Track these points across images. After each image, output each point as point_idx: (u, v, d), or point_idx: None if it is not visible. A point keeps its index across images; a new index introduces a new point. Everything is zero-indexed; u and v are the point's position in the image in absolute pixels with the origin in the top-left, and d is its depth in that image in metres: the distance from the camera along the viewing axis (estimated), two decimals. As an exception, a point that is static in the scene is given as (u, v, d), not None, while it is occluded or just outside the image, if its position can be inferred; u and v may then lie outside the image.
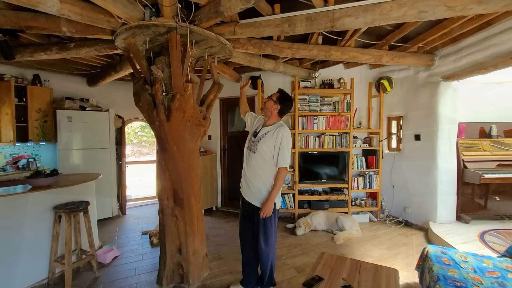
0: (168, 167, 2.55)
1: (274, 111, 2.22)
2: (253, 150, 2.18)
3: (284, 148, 2.11)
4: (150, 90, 2.43)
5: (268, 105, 2.20)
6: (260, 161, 2.15)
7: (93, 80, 4.73)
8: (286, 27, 2.28)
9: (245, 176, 2.25)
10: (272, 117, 2.22)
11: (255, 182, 2.16)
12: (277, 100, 2.19)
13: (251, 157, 2.19)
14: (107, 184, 4.60)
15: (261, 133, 2.20)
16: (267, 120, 2.25)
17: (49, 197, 2.66)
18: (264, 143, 2.15)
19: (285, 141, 2.11)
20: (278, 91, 2.25)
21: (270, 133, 2.17)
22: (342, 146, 4.25)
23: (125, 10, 1.93)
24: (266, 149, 2.15)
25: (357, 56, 3.23)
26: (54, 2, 1.85)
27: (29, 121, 4.04)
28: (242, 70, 4.66)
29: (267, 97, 2.23)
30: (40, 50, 3.02)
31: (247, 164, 2.23)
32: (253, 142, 2.21)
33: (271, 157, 2.15)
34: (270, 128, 2.19)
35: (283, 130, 2.13)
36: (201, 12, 2.16)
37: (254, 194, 2.19)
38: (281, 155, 2.10)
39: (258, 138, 2.18)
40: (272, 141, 2.13)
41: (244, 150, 2.31)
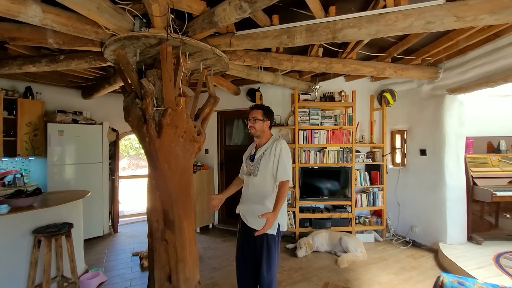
0: (158, 186, 2.37)
1: (266, 129, 2.09)
2: (254, 173, 2.02)
3: (284, 160, 1.96)
4: (140, 104, 2.28)
5: (258, 126, 2.04)
6: (262, 184, 1.99)
7: (88, 92, 4.61)
8: (285, 38, 2.16)
9: (246, 201, 2.06)
10: (265, 135, 2.09)
11: (260, 206, 1.98)
12: (264, 117, 2.06)
13: (252, 181, 2.03)
14: (98, 201, 4.40)
15: (258, 155, 2.05)
16: (260, 140, 2.10)
17: (29, 219, 2.46)
18: (265, 163, 2.00)
19: (284, 153, 1.97)
20: (258, 107, 2.09)
21: (268, 151, 2.03)
22: (344, 161, 4.07)
23: (113, 21, 1.81)
24: (267, 168, 1.99)
25: (359, 68, 3.11)
26: (36, 12, 1.72)
27: (18, 135, 3.89)
28: (240, 83, 4.55)
29: (251, 119, 2.04)
30: (29, 62, 2.89)
31: (248, 188, 2.06)
32: (252, 166, 2.05)
33: (272, 176, 1.99)
34: (266, 146, 2.05)
35: (280, 143, 2.01)
36: (194, 22, 2.03)
37: (255, 217, 1.99)
38: (281, 168, 1.94)
39: (257, 161, 2.02)
40: (271, 157, 1.98)
41: (244, 176, 2.15)
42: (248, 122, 2.08)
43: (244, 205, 2.07)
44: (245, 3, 1.59)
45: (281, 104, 4.52)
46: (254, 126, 2.04)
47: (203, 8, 1.98)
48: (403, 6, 1.89)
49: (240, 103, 4.76)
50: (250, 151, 2.21)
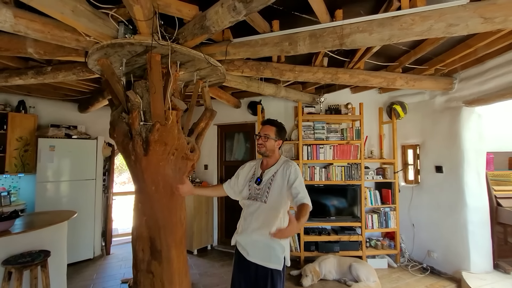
0: (144, 210, 2.10)
1: (276, 148, 1.83)
2: (262, 199, 1.73)
3: (302, 182, 1.70)
4: (126, 118, 2.06)
5: (269, 145, 1.79)
6: (272, 212, 1.71)
7: (84, 106, 4.45)
8: (286, 46, 1.94)
9: (248, 230, 1.75)
10: (274, 156, 1.83)
11: (264, 237, 1.68)
12: (277, 135, 1.81)
13: (259, 208, 1.73)
14: (89, 220, 4.13)
15: (267, 177, 1.76)
16: (269, 160, 1.83)
17: (2, 246, 2.20)
18: (277, 187, 1.71)
19: (299, 173, 1.73)
20: (272, 124, 1.85)
21: (279, 173, 1.75)
22: (353, 178, 3.76)
23: (92, 26, 1.61)
24: (279, 193, 1.71)
25: (367, 79, 2.88)
26: (6, 16, 1.54)
27: (8, 151, 3.69)
28: (241, 95, 4.35)
29: (263, 136, 1.79)
30: (15, 74, 2.73)
31: (251, 216, 1.75)
32: (260, 190, 1.76)
33: (284, 204, 1.72)
34: (276, 167, 1.78)
35: (292, 163, 1.76)
36: (185, 28, 1.83)
37: (260, 250, 1.70)
38: (302, 189, 1.64)
39: (267, 184, 1.74)
40: (285, 179, 1.71)
41: (243, 201, 1.86)
42: (258, 138, 1.82)
43: (245, 236, 1.77)
44: (239, 3, 1.38)
45: (284, 117, 4.29)
46: (265, 145, 1.78)
47: (195, 13, 1.79)
48: (420, 7, 1.67)
49: (241, 116, 4.54)
50: (253, 170, 1.90)
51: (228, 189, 1.97)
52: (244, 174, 1.97)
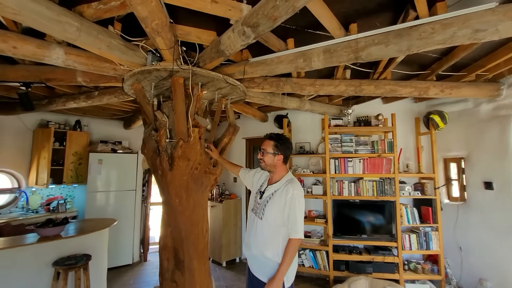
0: (169, 222, 2.25)
1: (277, 163, 1.80)
2: (259, 215, 1.74)
3: (296, 212, 1.63)
4: (155, 136, 2.26)
5: (267, 160, 1.78)
6: (268, 230, 1.69)
7: (127, 123, 4.96)
8: (301, 62, 1.97)
9: (249, 243, 1.78)
10: (277, 171, 1.81)
11: (262, 252, 1.69)
12: (275, 149, 1.78)
13: (257, 223, 1.75)
14: (129, 228, 4.49)
15: (267, 193, 1.77)
16: (273, 176, 1.83)
17: (54, 249, 2.53)
18: (273, 207, 1.70)
19: (297, 203, 1.64)
20: (270, 138, 1.83)
21: (278, 193, 1.72)
22: (386, 193, 3.52)
23: (124, 57, 1.85)
24: (275, 213, 1.69)
25: (395, 89, 2.74)
26: (59, 54, 1.85)
27: (65, 164, 4.25)
28: (267, 109, 4.43)
29: (260, 151, 1.81)
30: (71, 99, 3.19)
31: (251, 229, 1.79)
32: (259, 205, 1.77)
33: (282, 223, 1.68)
34: (277, 185, 1.76)
35: (292, 187, 1.67)
36: (204, 53, 1.99)
37: (260, 266, 1.71)
38: (292, 221, 1.62)
39: (265, 201, 1.75)
40: (282, 203, 1.67)
41: (248, 211, 1.90)
42: (258, 153, 1.86)
43: (248, 250, 1.79)
44: (247, 28, 1.47)
45: (311, 130, 4.24)
46: (263, 159, 1.81)
47: (213, 38, 1.93)
48: (440, 15, 1.58)
49: (268, 129, 4.53)
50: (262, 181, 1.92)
51: (242, 176, 2.14)
52: (251, 177, 2.04)
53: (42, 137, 4.05)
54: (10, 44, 1.70)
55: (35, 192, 4.13)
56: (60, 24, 1.44)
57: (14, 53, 1.74)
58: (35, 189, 4.13)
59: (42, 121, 4.27)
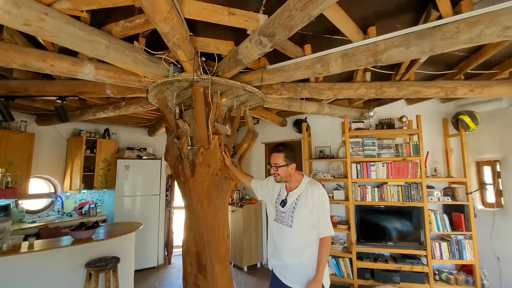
0: (192, 227, 2.32)
1: (292, 172, 1.81)
2: (288, 223, 1.75)
3: (326, 211, 1.71)
4: (177, 143, 2.35)
5: (282, 173, 1.79)
6: (301, 235, 1.72)
7: (151, 130, 5.19)
8: (318, 68, 1.97)
9: (280, 253, 1.78)
10: (293, 179, 1.83)
11: (300, 258, 1.71)
12: (287, 160, 1.79)
13: (286, 232, 1.76)
14: (154, 231, 4.66)
15: (291, 200, 1.78)
16: (290, 184, 1.84)
17: (86, 251, 2.69)
18: (301, 212, 1.73)
19: (325, 201, 1.72)
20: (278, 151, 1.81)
21: (303, 196, 1.75)
22: (412, 199, 3.36)
23: (148, 70, 1.96)
24: (305, 217, 1.72)
25: (420, 90, 2.63)
26: (90, 69, 1.99)
27: (96, 170, 4.52)
28: (286, 114, 4.43)
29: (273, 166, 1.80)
30: (100, 110, 3.41)
31: (280, 239, 1.79)
32: (285, 213, 1.79)
33: (312, 225, 1.72)
34: (299, 189, 1.78)
35: (316, 188, 1.73)
36: (223, 62, 2.05)
37: (296, 274, 1.71)
38: (323, 221, 1.68)
39: (291, 208, 1.76)
40: (309, 205, 1.71)
41: (270, 221, 1.91)
42: (270, 168, 1.85)
43: (279, 260, 1.79)
44: (264, 37, 1.51)
45: (331, 133, 4.17)
46: (278, 173, 1.80)
47: (231, 48, 1.99)
48: (465, 13, 1.51)
49: (287, 134, 4.61)
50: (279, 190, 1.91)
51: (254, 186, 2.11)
52: (264, 187, 2.02)
53: (75, 145, 4.35)
54: (48, 62, 1.86)
55: (69, 196, 4.43)
56: (91, 43, 1.57)
57: (52, 71, 1.91)
58: (69, 194, 4.43)
59: (75, 130, 4.59)
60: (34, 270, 2.39)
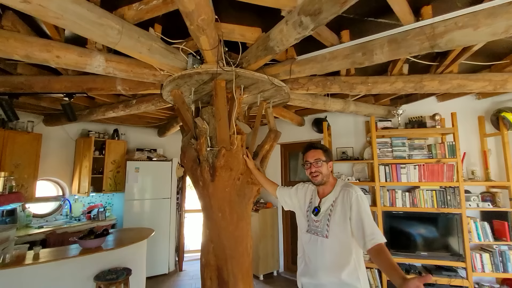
0: (212, 238, 2.07)
1: (330, 172, 1.64)
2: (322, 233, 1.51)
3: (368, 214, 1.46)
4: (195, 144, 2.12)
5: (325, 170, 1.59)
6: (340, 247, 1.47)
7: (162, 131, 4.99)
8: (359, 56, 1.70)
9: (315, 270, 1.53)
10: (329, 181, 1.62)
11: (339, 276, 1.45)
12: (326, 156, 1.61)
13: (321, 244, 1.51)
14: (165, 237, 4.45)
15: (325, 206, 1.56)
16: (325, 188, 1.62)
17: (95, 261, 2.48)
18: (339, 219, 1.49)
19: (366, 204, 1.49)
20: (315, 147, 1.64)
21: (339, 201, 1.53)
22: (449, 205, 3.05)
23: (165, 61, 1.72)
24: (343, 225, 1.48)
25: (464, 84, 2.34)
26: (100, 62, 1.78)
27: (105, 172, 4.33)
28: (304, 112, 4.16)
29: (314, 162, 1.59)
30: (110, 109, 3.21)
31: (315, 253, 1.54)
32: (318, 222, 1.55)
33: (351, 235, 1.46)
34: (334, 194, 1.56)
35: (353, 189, 1.52)
36: (248, 52, 1.80)
37: None
38: (368, 226, 1.40)
39: (325, 215, 1.53)
40: (346, 209, 1.48)
41: (301, 234, 1.66)
42: (308, 167, 1.62)
43: (313, 279, 1.53)
44: (306, 17, 1.25)
45: (354, 133, 3.89)
46: (320, 171, 1.57)
47: (257, 35, 1.75)
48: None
49: (305, 134, 4.34)
50: (310, 197, 1.68)
51: (281, 195, 1.87)
52: (301, 197, 1.75)
53: (84, 146, 4.17)
54: (53, 53, 1.65)
55: (77, 200, 4.25)
56: (101, 27, 1.34)
57: (57, 63, 1.70)
58: (77, 197, 4.26)
59: (84, 130, 4.42)
60: (39, 283, 2.19)
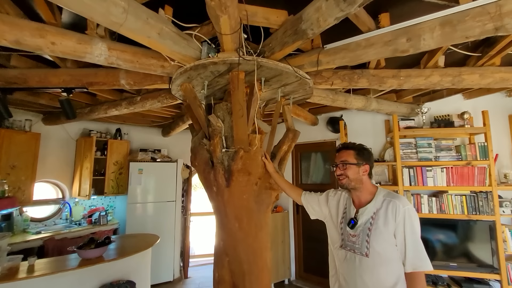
0: (227, 250, 1.83)
1: (364, 177, 1.39)
2: (362, 251, 1.28)
3: (416, 233, 1.25)
4: (207, 145, 1.88)
5: (351, 174, 1.37)
6: (383, 268, 1.25)
7: (166, 130, 4.77)
8: (402, 43, 1.46)
9: None
10: (365, 187, 1.39)
11: None
12: (359, 159, 1.39)
13: (360, 264, 1.28)
14: (169, 242, 4.22)
15: (364, 219, 1.32)
16: (360, 195, 1.39)
17: (96, 274, 2.25)
18: (382, 234, 1.26)
19: (415, 221, 1.26)
20: (347, 147, 1.44)
21: (381, 213, 1.30)
22: (480, 211, 2.80)
23: (177, 49, 1.49)
24: (387, 242, 1.25)
25: (508, 78, 2.09)
26: (102, 50, 1.55)
27: (107, 174, 4.10)
28: (317, 111, 3.92)
29: (340, 165, 1.40)
30: (112, 106, 2.99)
31: (352, 274, 1.30)
32: (356, 237, 1.32)
33: (396, 255, 1.25)
34: (375, 204, 1.32)
35: (400, 202, 1.28)
36: (273, 38, 1.57)
37: None
38: (413, 249, 1.22)
39: (364, 229, 1.30)
40: (391, 225, 1.26)
41: (334, 249, 1.43)
42: (335, 169, 1.43)
43: None
44: (355, -11, 1.02)
45: (372, 134, 3.65)
46: (345, 174, 1.37)
47: (284, 19, 1.51)
48: None
49: (318, 134, 4.10)
50: (344, 205, 1.46)
51: (306, 203, 1.69)
52: (334, 205, 1.52)
53: (85, 147, 3.95)
54: (48, 39, 1.42)
55: (77, 203, 4.04)
56: (104, 3, 1.11)
57: (53, 50, 1.47)
58: (78, 200, 4.04)
59: (85, 130, 4.20)
60: (34, 299, 1.96)
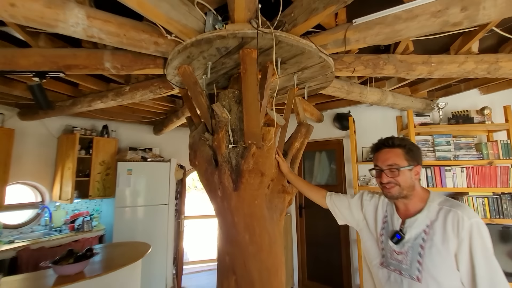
0: (234, 268, 1.52)
1: (416, 181, 1.09)
2: (411, 273, 1.01)
3: (489, 255, 0.95)
4: (210, 140, 1.57)
5: (404, 181, 1.05)
6: None
7: (158, 128, 4.42)
8: (455, 14, 1.19)
9: None
10: (416, 194, 1.09)
11: None
12: (410, 159, 1.07)
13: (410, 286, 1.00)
14: (161, 249, 3.86)
15: (414, 233, 1.04)
16: (408, 203, 1.10)
17: (75, 293, 1.90)
18: (440, 255, 0.98)
19: (485, 238, 0.96)
20: (393, 145, 1.11)
21: (437, 227, 1.01)
22: (505, 215, 2.58)
23: (175, 15, 1.17)
24: (446, 265, 0.97)
25: (550, 66, 1.86)
26: (78, 17, 1.21)
27: (92, 175, 3.72)
28: (322, 107, 3.65)
29: (386, 170, 1.07)
30: (97, 98, 2.63)
31: None
32: (402, 255, 1.04)
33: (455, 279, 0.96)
34: (425, 215, 1.04)
35: (463, 211, 0.99)
36: (295, 7, 1.26)
37: None
38: (488, 273, 0.93)
39: (415, 247, 1.03)
40: (450, 242, 0.97)
41: (373, 267, 1.15)
42: (379, 177, 1.11)
43: None
44: None
45: (382, 130, 3.33)
46: (397, 182, 1.06)
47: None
48: None
49: (323, 132, 3.83)
50: (383, 213, 1.18)
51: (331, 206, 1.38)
52: (370, 212, 1.23)
53: (67, 145, 3.55)
54: (5, -1, 1.08)
55: (59, 207, 3.64)
56: None
57: (12, 15, 1.13)
58: (59, 204, 3.64)
59: (67, 126, 3.81)
60: (-5, 329, 1.60)
